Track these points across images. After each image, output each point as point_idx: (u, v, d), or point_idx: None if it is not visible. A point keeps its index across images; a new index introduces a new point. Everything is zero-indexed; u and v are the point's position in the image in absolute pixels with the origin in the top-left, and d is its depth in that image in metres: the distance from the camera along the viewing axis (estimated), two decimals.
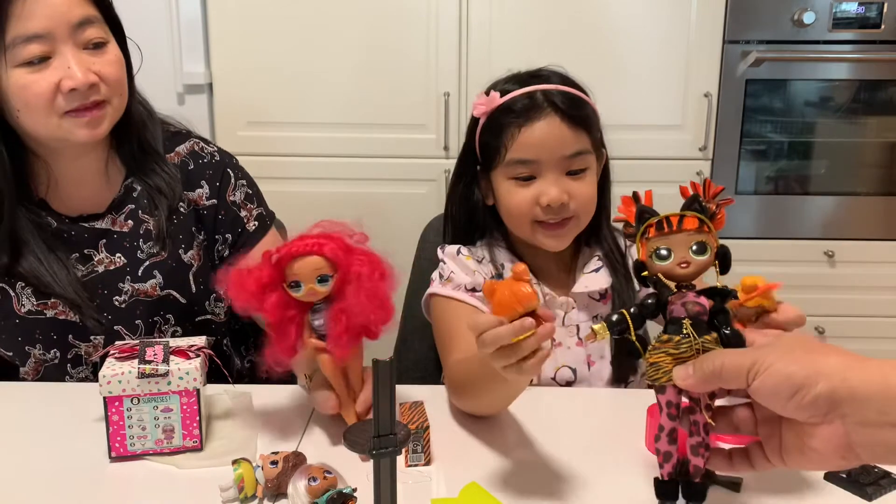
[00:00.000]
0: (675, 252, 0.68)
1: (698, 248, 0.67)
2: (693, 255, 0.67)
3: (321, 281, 0.88)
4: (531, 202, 1.11)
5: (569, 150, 1.10)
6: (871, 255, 2.18)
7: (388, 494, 0.69)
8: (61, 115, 1.04)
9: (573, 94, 1.12)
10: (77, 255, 1.14)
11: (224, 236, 1.23)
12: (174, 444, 0.92)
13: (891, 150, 2.20)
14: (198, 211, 1.22)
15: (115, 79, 1.08)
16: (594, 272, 1.18)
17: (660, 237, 0.68)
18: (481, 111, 1.14)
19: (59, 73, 1.02)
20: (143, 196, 1.18)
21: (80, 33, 1.03)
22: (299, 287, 0.88)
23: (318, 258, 0.88)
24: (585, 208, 1.13)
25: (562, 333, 1.18)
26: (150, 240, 1.17)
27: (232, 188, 1.24)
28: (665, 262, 0.68)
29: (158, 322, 1.18)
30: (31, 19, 0.99)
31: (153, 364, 0.90)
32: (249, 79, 2.09)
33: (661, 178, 2.11)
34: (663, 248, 0.68)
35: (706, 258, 0.67)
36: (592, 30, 2.04)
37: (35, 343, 1.13)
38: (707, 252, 0.67)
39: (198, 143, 1.24)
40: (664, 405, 0.69)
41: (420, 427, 0.91)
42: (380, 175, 2.15)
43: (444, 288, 1.17)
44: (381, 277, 0.91)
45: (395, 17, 2.05)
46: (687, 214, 0.68)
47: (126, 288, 1.16)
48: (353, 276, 0.89)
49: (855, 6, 2.03)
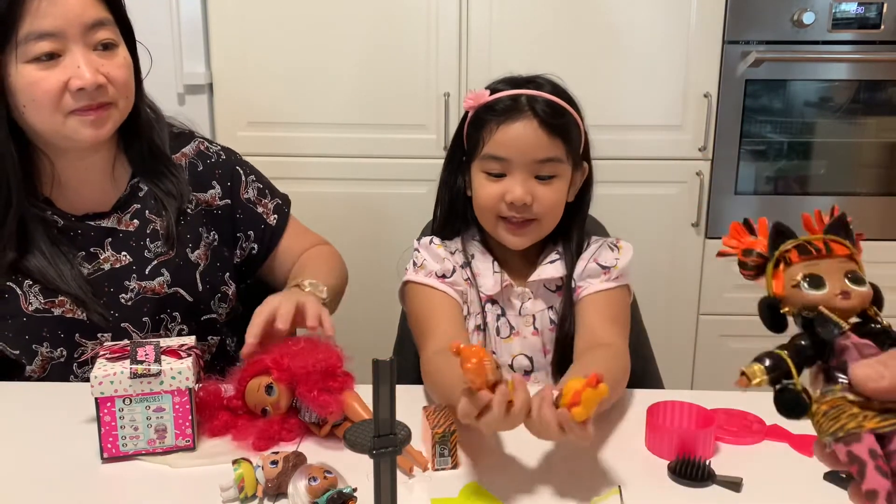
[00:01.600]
0: (829, 281, 0.55)
1: (854, 278, 0.55)
2: (852, 285, 0.54)
3: (269, 391, 0.97)
4: (497, 198, 1.16)
5: (540, 154, 1.13)
6: (871, 255, 2.15)
7: (388, 494, 0.70)
8: (66, 114, 1.05)
9: (557, 103, 1.15)
10: (83, 253, 1.15)
11: (247, 234, 1.28)
12: (167, 443, 0.93)
13: (890, 151, 2.20)
14: (210, 211, 1.24)
15: (122, 81, 1.09)
16: (549, 263, 1.22)
17: (806, 263, 0.56)
18: (469, 105, 1.20)
19: (68, 71, 1.03)
20: (149, 197, 1.19)
21: (91, 34, 1.05)
22: (266, 411, 0.98)
23: (255, 380, 0.98)
24: (548, 212, 1.17)
25: (519, 322, 1.23)
26: (158, 240, 1.18)
27: (244, 186, 1.27)
28: (820, 292, 0.54)
29: (165, 320, 1.19)
30: (46, 17, 1.00)
31: (145, 364, 0.90)
32: (250, 79, 2.09)
33: (661, 178, 2.11)
34: (817, 276, 0.55)
35: (866, 289, 0.55)
36: (592, 30, 2.04)
37: (42, 341, 1.14)
38: (863, 283, 0.55)
39: (203, 143, 1.26)
40: (867, 457, 0.49)
41: (447, 431, 0.90)
42: (380, 175, 2.15)
43: (416, 275, 1.22)
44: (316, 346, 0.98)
45: (395, 17, 2.05)
46: (836, 239, 0.57)
47: (132, 286, 1.16)
48: (292, 370, 0.96)
49: (854, 6, 2.03)
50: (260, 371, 0.98)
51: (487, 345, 1.22)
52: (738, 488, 0.88)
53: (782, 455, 0.96)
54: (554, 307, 1.22)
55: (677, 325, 2.19)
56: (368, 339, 1.44)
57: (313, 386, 0.94)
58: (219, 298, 1.25)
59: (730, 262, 0.63)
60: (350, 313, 2.19)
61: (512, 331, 1.23)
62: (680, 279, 2.17)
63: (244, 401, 0.99)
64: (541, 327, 1.22)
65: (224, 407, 0.99)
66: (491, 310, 1.23)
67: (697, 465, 0.89)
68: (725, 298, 2.18)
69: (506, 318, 1.23)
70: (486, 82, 1.22)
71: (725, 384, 1.13)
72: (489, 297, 1.22)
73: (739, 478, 0.89)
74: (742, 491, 0.87)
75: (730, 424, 1.00)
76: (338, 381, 0.96)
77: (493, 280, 1.22)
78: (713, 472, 0.89)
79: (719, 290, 2.19)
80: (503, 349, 1.23)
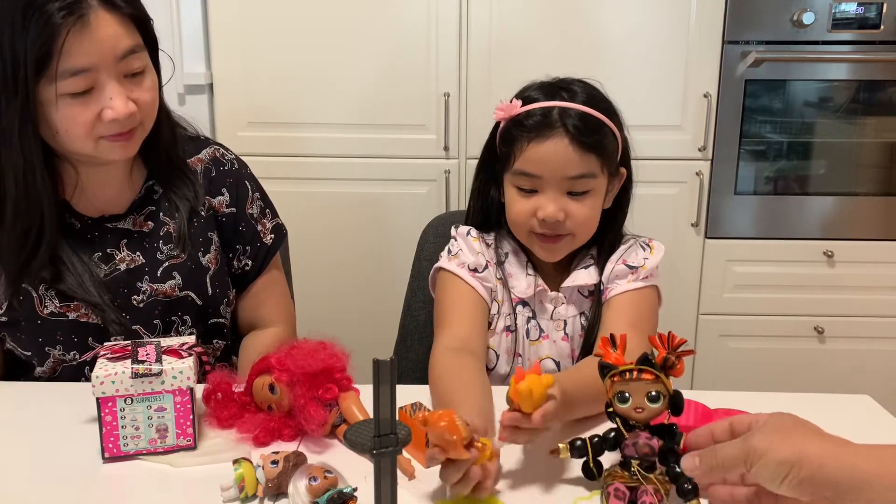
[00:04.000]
0: (633, 397, 0.80)
1: (653, 397, 0.80)
2: (647, 403, 0.80)
3: (272, 390, 0.98)
4: (529, 214, 1.14)
5: (572, 171, 1.11)
6: (871, 255, 2.18)
7: (388, 494, 0.70)
8: (97, 139, 1.06)
9: (591, 115, 1.12)
10: (99, 254, 1.16)
11: (245, 248, 1.28)
12: (168, 443, 0.93)
13: (890, 151, 2.20)
14: (217, 217, 1.24)
15: (150, 104, 1.11)
16: (583, 269, 1.21)
17: (621, 383, 0.81)
18: (500, 117, 1.17)
19: (101, 103, 1.04)
20: (164, 199, 1.20)
21: (123, 65, 1.05)
22: (271, 408, 0.99)
23: (260, 379, 1.00)
24: (581, 228, 1.15)
25: (549, 326, 1.22)
26: (171, 242, 1.19)
27: (250, 201, 1.27)
28: (624, 405, 0.81)
29: (176, 322, 1.20)
30: (81, 55, 1.00)
31: (146, 364, 0.90)
32: (250, 79, 2.09)
33: (661, 178, 2.11)
34: (625, 392, 0.81)
35: (659, 406, 0.80)
36: (592, 30, 2.05)
37: (55, 344, 1.14)
38: (660, 400, 0.80)
39: (218, 150, 1.28)
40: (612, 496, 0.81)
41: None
42: (380, 175, 2.15)
43: (450, 263, 1.22)
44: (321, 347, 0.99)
45: (395, 17, 2.05)
46: (645, 368, 0.80)
47: (144, 288, 1.17)
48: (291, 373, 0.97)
49: (854, 6, 2.03)
50: (266, 369, 0.99)
51: (516, 346, 1.21)
52: None
53: None
54: (585, 312, 1.21)
55: (677, 325, 2.18)
56: (369, 338, 1.44)
57: (309, 391, 0.94)
58: (226, 302, 1.25)
59: (730, 262, 0.66)
60: (350, 313, 2.20)
61: (541, 334, 1.21)
62: (680, 279, 2.17)
63: (252, 397, 1.01)
64: (571, 332, 1.21)
65: (233, 400, 1.01)
66: (522, 312, 1.21)
67: None
68: (725, 298, 2.18)
69: (536, 321, 1.21)
70: (487, 82, 1.21)
71: (725, 384, 1.13)
72: (521, 299, 1.21)
73: None
74: None
75: None
76: (337, 384, 0.96)
77: (527, 283, 1.21)
78: None
79: (719, 290, 2.19)
80: (531, 352, 1.22)
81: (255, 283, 1.30)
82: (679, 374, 0.81)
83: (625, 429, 0.82)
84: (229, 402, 1.01)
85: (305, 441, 0.96)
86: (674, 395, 0.81)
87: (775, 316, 2.21)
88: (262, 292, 1.31)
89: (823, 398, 1.11)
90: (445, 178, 2.12)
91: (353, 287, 2.23)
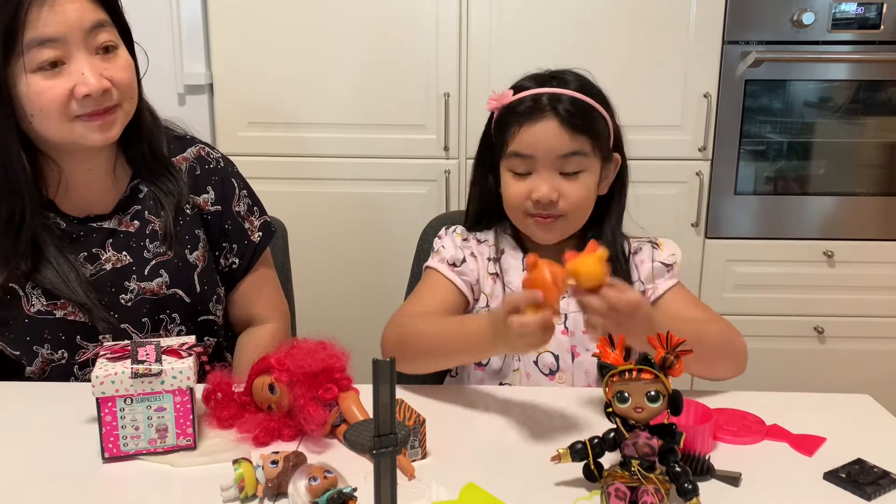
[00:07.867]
0: (632, 397, 0.81)
1: (653, 396, 0.81)
2: (647, 402, 0.81)
3: (271, 390, 0.98)
4: (524, 195, 1.17)
5: (563, 149, 1.14)
6: (870, 255, 2.18)
7: (388, 494, 0.70)
8: (73, 120, 1.06)
9: (582, 100, 1.15)
10: (85, 254, 1.15)
11: (231, 246, 1.27)
12: (168, 443, 0.93)
13: (890, 151, 2.20)
14: (202, 215, 1.24)
15: (126, 83, 1.10)
16: None
17: (621, 383, 0.82)
18: (493, 106, 1.21)
19: (72, 79, 1.04)
20: (149, 197, 1.20)
21: (92, 38, 1.05)
22: (271, 408, 0.99)
23: (260, 378, 1.00)
24: (576, 208, 1.17)
25: None
26: (157, 240, 1.18)
27: (236, 199, 1.27)
28: (624, 405, 0.82)
29: (164, 321, 1.19)
30: (47, 25, 1.01)
31: (146, 364, 0.90)
32: (250, 79, 2.09)
33: (661, 178, 2.11)
34: (624, 392, 0.82)
35: (659, 405, 0.81)
36: (592, 30, 2.05)
37: (43, 343, 1.14)
38: (660, 400, 0.81)
39: (204, 149, 1.27)
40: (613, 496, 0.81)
41: (417, 422, 0.91)
42: (380, 175, 2.15)
43: (432, 260, 1.27)
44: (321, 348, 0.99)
45: (395, 17, 2.05)
46: (644, 368, 0.81)
47: (132, 286, 1.17)
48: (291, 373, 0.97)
49: (854, 7, 2.04)
50: (265, 369, 0.99)
51: None
52: (737, 483, 0.88)
53: (782, 454, 0.96)
54: None
55: None
56: (369, 338, 1.44)
57: (308, 391, 0.94)
58: (216, 300, 1.25)
59: (730, 262, 0.66)
60: (350, 313, 2.20)
61: None
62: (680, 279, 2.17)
63: (252, 397, 1.01)
64: (572, 327, 1.21)
65: (233, 400, 1.01)
66: None
67: (696, 459, 0.89)
68: (725, 298, 2.18)
69: None
70: (487, 82, 1.22)
71: (725, 384, 1.13)
72: None
73: (738, 472, 0.89)
74: (741, 486, 0.88)
75: (729, 424, 1.00)
76: (337, 384, 0.96)
77: (522, 277, 1.21)
78: (712, 466, 0.90)
79: (719, 290, 2.19)
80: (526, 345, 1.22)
81: (245, 281, 1.30)
82: (678, 374, 0.82)
83: (625, 429, 0.83)
84: (229, 402, 1.01)
85: (305, 441, 0.96)
86: (673, 395, 0.82)
87: (775, 316, 2.21)
88: (253, 290, 1.31)
89: (823, 398, 1.11)
90: (445, 178, 2.12)
91: (353, 287, 2.23)
